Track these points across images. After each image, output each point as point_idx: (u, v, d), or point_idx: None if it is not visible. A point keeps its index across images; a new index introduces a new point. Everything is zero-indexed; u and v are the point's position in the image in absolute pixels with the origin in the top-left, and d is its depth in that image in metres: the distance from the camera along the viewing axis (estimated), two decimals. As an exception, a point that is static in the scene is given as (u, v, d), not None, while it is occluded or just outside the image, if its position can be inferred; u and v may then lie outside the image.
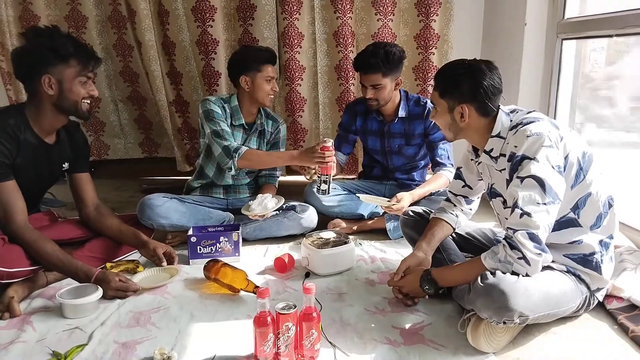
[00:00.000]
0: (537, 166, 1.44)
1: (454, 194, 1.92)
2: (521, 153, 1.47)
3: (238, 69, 2.49)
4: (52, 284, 1.97)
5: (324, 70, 3.26)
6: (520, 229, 1.42)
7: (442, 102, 1.66)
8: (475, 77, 1.57)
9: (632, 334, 1.55)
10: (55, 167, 2.06)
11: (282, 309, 1.41)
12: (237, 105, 2.54)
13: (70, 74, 1.86)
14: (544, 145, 1.46)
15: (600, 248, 1.57)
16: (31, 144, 1.90)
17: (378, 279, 2.04)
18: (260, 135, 2.64)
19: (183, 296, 1.91)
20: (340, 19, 3.09)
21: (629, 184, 2.39)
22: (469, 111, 1.60)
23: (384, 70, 2.37)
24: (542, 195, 1.42)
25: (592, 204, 1.56)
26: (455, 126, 1.66)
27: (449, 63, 1.69)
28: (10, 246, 1.84)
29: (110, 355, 1.51)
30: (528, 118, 1.55)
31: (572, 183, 1.53)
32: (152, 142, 3.79)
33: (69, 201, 3.03)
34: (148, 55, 3.27)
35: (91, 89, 1.93)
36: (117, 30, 3.42)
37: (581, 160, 1.53)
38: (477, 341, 1.48)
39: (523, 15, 2.69)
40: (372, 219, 2.62)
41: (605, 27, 2.31)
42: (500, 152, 1.60)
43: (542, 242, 1.42)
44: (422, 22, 3.10)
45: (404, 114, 2.54)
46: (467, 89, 1.58)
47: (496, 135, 1.60)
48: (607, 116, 2.80)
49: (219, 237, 2.21)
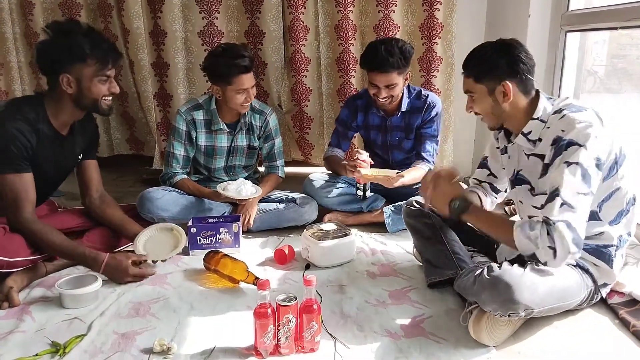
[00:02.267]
0: (584, 154, 1.41)
1: (479, 181, 1.89)
2: (569, 138, 1.43)
3: (210, 76, 2.41)
4: (51, 273, 1.97)
5: (327, 62, 3.29)
6: (560, 220, 1.37)
7: (479, 87, 1.60)
8: (511, 52, 1.54)
9: (633, 329, 1.55)
10: (70, 158, 2.05)
11: (282, 300, 1.41)
12: (215, 108, 2.46)
13: (89, 73, 1.83)
14: (593, 135, 1.42)
15: (617, 242, 1.56)
16: (48, 135, 1.89)
17: (378, 271, 2.03)
18: (249, 132, 2.57)
19: (183, 287, 1.90)
20: (341, 13, 3.12)
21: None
22: (512, 88, 1.56)
23: (399, 67, 2.34)
24: (584, 186, 1.40)
25: (617, 199, 1.54)
26: (498, 108, 1.60)
27: (474, 49, 1.65)
28: (11, 235, 1.83)
29: (109, 345, 1.50)
30: (575, 106, 1.52)
31: (605, 175, 1.50)
32: (137, 140, 3.75)
33: (69, 191, 3.05)
34: (136, 43, 3.25)
35: (112, 87, 1.90)
36: (104, 19, 3.37)
37: (618, 155, 1.51)
38: (479, 334, 1.47)
39: (527, 7, 2.66)
40: (371, 212, 2.61)
41: (610, 20, 2.28)
42: (539, 135, 1.56)
43: (581, 236, 1.38)
44: (426, 11, 3.07)
45: (406, 108, 2.52)
46: (505, 65, 1.54)
47: (537, 118, 1.56)
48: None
49: (219, 228, 2.21)
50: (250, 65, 2.32)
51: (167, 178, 2.47)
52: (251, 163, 2.68)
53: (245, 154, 2.60)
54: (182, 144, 2.47)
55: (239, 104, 2.38)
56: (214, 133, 2.49)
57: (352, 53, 3.18)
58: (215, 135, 2.49)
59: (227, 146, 2.54)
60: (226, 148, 2.54)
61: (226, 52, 2.33)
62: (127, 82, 3.51)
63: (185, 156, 2.50)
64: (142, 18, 3.23)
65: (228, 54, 2.30)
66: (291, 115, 3.47)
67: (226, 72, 2.30)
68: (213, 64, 2.34)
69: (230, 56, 2.29)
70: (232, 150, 2.55)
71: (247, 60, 2.30)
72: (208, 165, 2.58)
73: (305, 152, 3.55)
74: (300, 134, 3.50)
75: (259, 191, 2.41)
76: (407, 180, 2.37)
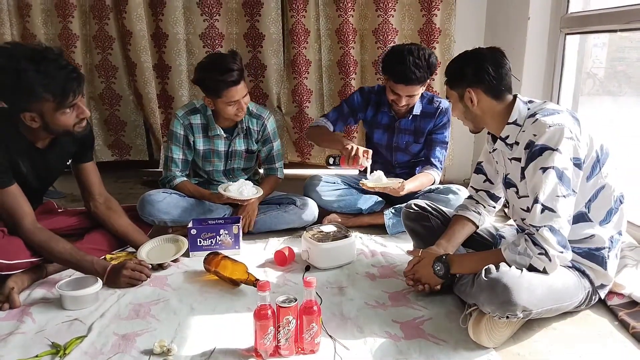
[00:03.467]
0: (559, 157, 1.44)
1: (475, 190, 1.90)
2: (542, 143, 1.47)
3: (201, 88, 2.36)
4: (51, 275, 1.97)
5: (328, 65, 3.34)
6: (543, 225, 1.42)
7: (452, 93, 1.68)
8: (477, 61, 1.60)
9: (632, 330, 1.55)
10: (53, 169, 2.00)
11: (282, 302, 1.41)
12: (212, 114, 2.43)
13: (49, 108, 1.69)
14: (565, 136, 1.45)
15: (609, 244, 1.58)
16: (24, 150, 1.84)
17: (378, 273, 2.03)
18: (247, 137, 2.55)
19: (183, 288, 1.90)
20: (342, 17, 3.17)
21: (628, 179, 2.38)
22: (476, 95, 1.61)
23: (426, 81, 2.34)
24: (562, 188, 1.43)
25: (604, 198, 1.56)
26: (469, 113, 1.67)
27: (453, 58, 1.71)
28: (10, 238, 1.83)
29: (109, 347, 1.50)
30: (548, 109, 1.55)
31: (589, 174, 1.53)
32: (123, 144, 3.66)
33: (69, 192, 3.05)
34: (138, 46, 3.26)
35: (80, 113, 1.77)
36: (99, 21, 3.34)
37: (599, 153, 1.53)
38: (479, 336, 1.47)
39: (526, 9, 2.67)
40: (371, 214, 2.60)
41: (610, 22, 2.29)
42: (515, 139, 1.59)
43: (565, 237, 1.43)
44: (425, 16, 3.10)
45: (419, 112, 2.52)
46: (471, 73, 1.60)
47: (513, 122, 1.60)
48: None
49: (219, 229, 2.21)
50: (238, 78, 2.26)
51: (167, 181, 2.47)
52: (250, 165, 2.68)
53: (243, 158, 2.60)
54: (180, 148, 2.47)
55: (231, 115, 2.36)
56: (212, 138, 2.49)
57: (353, 56, 3.24)
58: (213, 140, 2.49)
59: (224, 150, 2.53)
60: (224, 152, 2.54)
61: (215, 66, 2.26)
62: (122, 85, 3.50)
63: (184, 160, 2.50)
64: (144, 20, 3.25)
65: (217, 69, 2.24)
66: (291, 116, 3.49)
67: (215, 87, 2.27)
68: (202, 80, 2.30)
69: (219, 71, 2.23)
70: (230, 154, 2.55)
71: (236, 74, 2.24)
72: (207, 169, 2.58)
73: (304, 152, 3.56)
74: (300, 135, 3.52)
75: (260, 192, 2.40)
76: (414, 188, 2.36)
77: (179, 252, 2.13)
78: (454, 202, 2.32)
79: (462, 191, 2.41)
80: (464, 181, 3.23)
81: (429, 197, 2.41)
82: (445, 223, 1.91)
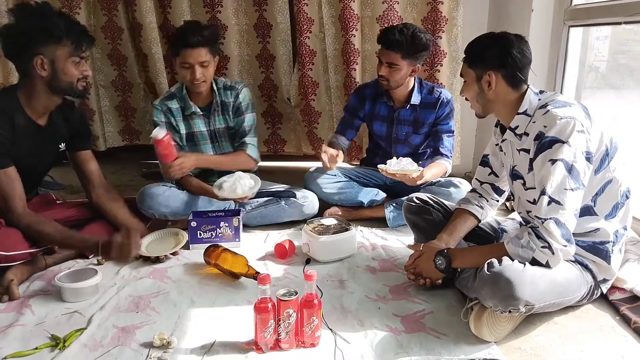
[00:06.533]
0: (568, 150, 1.43)
1: (480, 182, 1.89)
2: (552, 135, 1.45)
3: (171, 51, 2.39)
4: (51, 267, 1.97)
5: (333, 55, 3.23)
6: (548, 217, 1.41)
7: (470, 72, 1.64)
8: (504, 45, 1.57)
9: (634, 325, 1.55)
10: (50, 149, 2.02)
11: (283, 295, 1.40)
12: (186, 93, 2.42)
13: (63, 54, 1.81)
14: (576, 129, 1.43)
15: (614, 238, 1.57)
16: (25, 126, 1.87)
17: (379, 266, 2.03)
18: (224, 112, 2.50)
19: (183, 281, 1.90)
20: (343, 2, 3.05)
21: (631, 174, 2.37)
22: (496, 79, 1.58)
23: (405, 51, 2.30)
24: (570, 181, 1.41)
25: (611, 192, 1.55)
26: (483, 97, 1.64)
27: (479, 36, 1.68)
28: (8, 229, 1.83)
29: (109, 339, 1.50)
30: (560, 101, 1.53)
31: (597, 167, 1.51)
32: (133, 130, 3.79)
33: (68, 183, 3.04)
34: (149, 37, 3.29)
35: (85, 69, 1.88)
36: (108, 12, 3.40)
37: (609, 146, 1.52)
38: (480, 330, 1.47)
39: (530, 1, 2.64)
40: (371, 207, 2.59)
41: (614, 14, 2.27)
42: (525, 130, 1.58)
43: (570, 231, 1.42)
44: (430, 4, 3.04)
45: (417, 102, 2.50)
46: (495, 56, 1.57)
47: (523, 112, 1.58)
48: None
49: (219, 222, 2.20)
50: (196, 42, 2.24)
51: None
52: None
53: (228, 137, 2.54)
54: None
55: (186, 80, 2.34)
56: (190, 119, 2.45)
57: (354, 44, 3.11)
58: (192, 121, 2.45)
59: (206, 130, 2.48)
60: (206, 133, 2.49)
61: (183, 27, 2.36)
62: (132, 73, 3.58)
63: (176, 145, 2.44)
64: (154, 13, 3.27)
65: (182, 29, 2.32)
66: (300, 109, 3.44)
67: (174, 43, 2.30)
68: (171, 36, 2.38)
69: (182, 31, 2.30)
70: (213, 135, 2.50)
71: (195, 38, 2.24)
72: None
73: (315, 146, 3.51)
74: (309, 128, 3.47)
75: (258, 183, 2.32)
76: (429, 177, 2.32)
77: (178, 245, 2.12)
78: (455, 196, 2.30)
79: (463, 184, 2.40)
80: (466, 174, 3.21)
81: (430, 190, 2.39)
82: (446, 216, 1.90)
